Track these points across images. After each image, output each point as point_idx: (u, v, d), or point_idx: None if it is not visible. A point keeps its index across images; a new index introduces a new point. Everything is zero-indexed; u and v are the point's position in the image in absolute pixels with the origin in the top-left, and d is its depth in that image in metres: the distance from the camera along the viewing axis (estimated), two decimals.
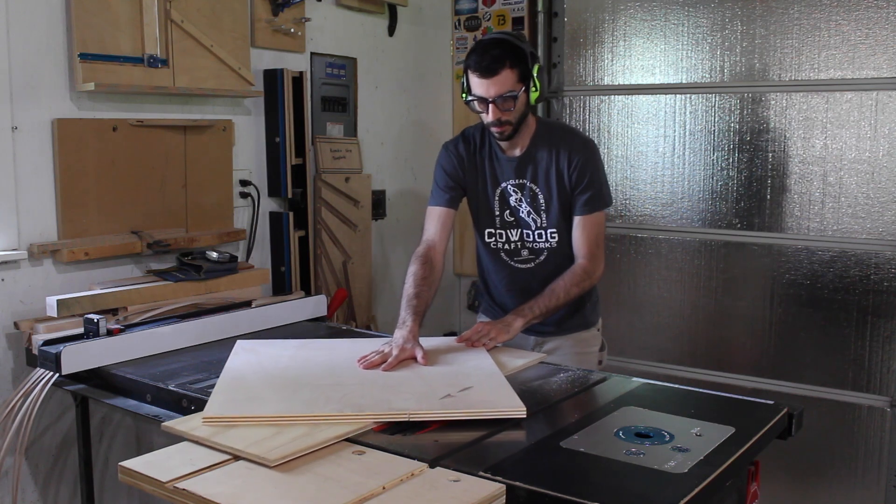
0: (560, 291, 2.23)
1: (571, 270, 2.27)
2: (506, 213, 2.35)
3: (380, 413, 1.65)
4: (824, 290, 3.20)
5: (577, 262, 2.30)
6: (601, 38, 3.61)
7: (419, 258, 2.31)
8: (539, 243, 2.34)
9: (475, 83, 2.16)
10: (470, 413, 1.66)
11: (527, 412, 1.66)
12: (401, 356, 1.99)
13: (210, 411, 1.65)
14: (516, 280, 2.38)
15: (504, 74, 2.13)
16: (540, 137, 2.30)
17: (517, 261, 2.37)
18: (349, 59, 3.50)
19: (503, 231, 2.36)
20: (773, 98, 3.25)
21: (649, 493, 1.35)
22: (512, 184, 2.32)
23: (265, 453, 1.44)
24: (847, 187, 3.12)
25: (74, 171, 2.49)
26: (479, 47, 2.17)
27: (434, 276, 2.29)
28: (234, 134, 3.00)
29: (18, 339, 2.38)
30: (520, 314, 2.20)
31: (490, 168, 2.35)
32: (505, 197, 2.34)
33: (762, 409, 1.75)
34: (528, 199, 2.32)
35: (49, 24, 2.43)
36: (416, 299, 2.19)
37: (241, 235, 3.01)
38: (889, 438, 3.11)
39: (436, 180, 2.40)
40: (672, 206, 3.49)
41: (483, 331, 2.16)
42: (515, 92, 2.16)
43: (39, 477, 2.49)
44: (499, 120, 2.18)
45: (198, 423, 1.60)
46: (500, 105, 2.16)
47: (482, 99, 2.16)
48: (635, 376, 2.03)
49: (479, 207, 2.39)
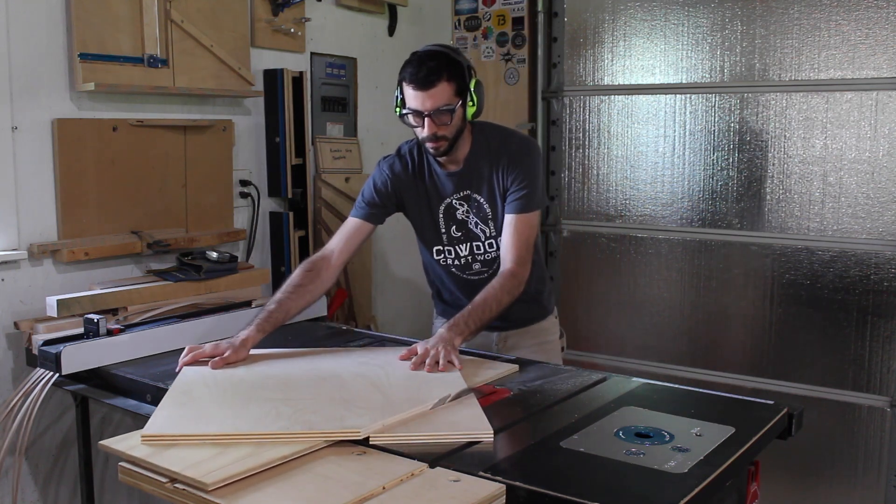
0: (492, 302, 2.09)
1: (501, 277, 2.14)
2: (452, 228, 2.27)
3: (331, 431, 1.53)
4: (824, 290, 3.20)
5: (504, 266, 2.16)
6: (601, 38, 3.60)
7: (305, 265, 2.20)
8: (491, 253, 2.27)
9: (410, 96, 2.08)
10: (434, 436, 1.55)
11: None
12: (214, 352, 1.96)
13: (149, 429, 1.53)
14: (471, 291, 2.23)
15: (440, 87, 2.06)
16: (478, 147, 2.22)
17: (469, 274, 2.31)
18: (349, 59, 3.50)
19: (451, 248, 2.29)
20: (773, 98, 3.25)
21: (649, 493, 1.35)
22: (457, 198, 2.25)
23: (202, 476, 1.34)
24: (847, 187, 3.12)
25: (74, 171, 2.49)
26: (415, 59, 2.09)
27: (315, 286, 2.18)
28: (234, 134, 3.00)
29: (18, 339, 2.38)
30: (455, 330, 2.02)
31: (431, 185, 2.26)
32: (451, 212, 2.26)
33: (762, 409, 1.74)
34: (474, 210, 2.25)
35: (49, 24, 2.43)
36: (275, 306, 2.10)
37: (241, 235, 3.01)
38: (889, 438, 3.11)
39: (362, 193, 2.30)
40: (672, 206, 3.49)
41: (433, 354, 1.94)
42: (452, 105, 2.08)
43: (39, 477, 2.49)
44: (434, 135, 2.09)
45: (136, 442, 1.50)
46: (436, 119, 2.07)
47: (417, 112, 2.08)
48: (635, 376, 2.03)
49: (423, 226, 2.31)
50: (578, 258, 3.68)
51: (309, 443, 1.49)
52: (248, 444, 1.48)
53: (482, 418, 1.63)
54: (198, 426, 1.56)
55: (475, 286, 2.23)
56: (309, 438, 1.51)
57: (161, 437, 1.51)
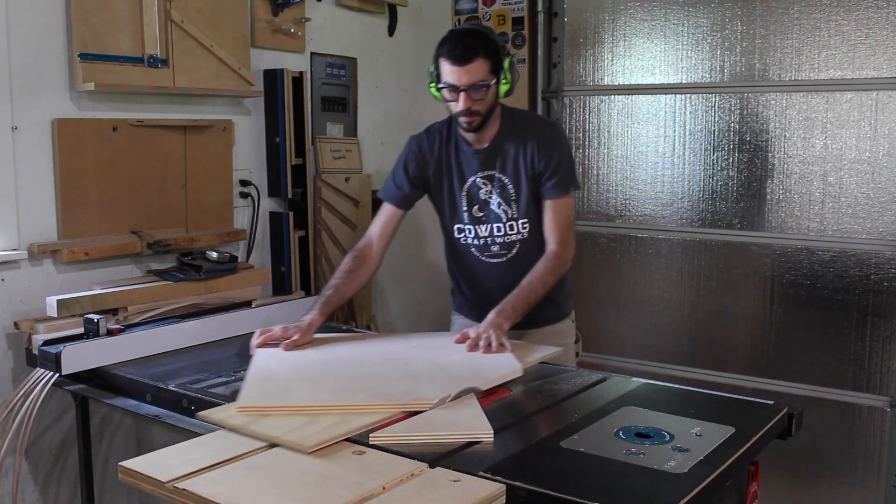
0: (538, 284, 2.21)
1: (545, 259, 2.26)
2: (474, 208, 2.35)
3: (407, 402, 1.68)
4: (824, 290, 3.20)
5: (548, 248, 2.28)
6: (601, 38, 3.61)
7: (352, 252, 2.37)
8: (511, 236, 2.34)
9: (447, 71, 2.17)
10: (434, 436, 1.56)
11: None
12: (284, 335, 2.11)
13: (244, 401, 1.68)
14: (489, 275, 2.37)
15: (477, 63, 2.15)
16: (506, 129, 2.31)
17: (488, 255, 2.37)
18: (349, 59, 3.50)
19: (472, 227, 2.36)
20: (773, 98, 3.25)
21: (649, 493, 1.35)
22: (480, 177, 2.32)
23: (301, 440, 1.49)
24: (847, 187, 3.12)
25: (74, 171, 2.49)
26: (453, 36, 2.20)
27: (363, 270, 2.35)
28: (234, 134, 3.00)
29: (18, 339, 2.38)
30: (503, 315, 2.14)
31: (456, 163, 2.35)
32: (473, 192, 2.34)
33: (762, 409, 1.74)
34: (497, 190, 2.32)
35: (49, 24, 2.43)
36: (332, 291, 2.27)
37: (241, 235, 3.01)
38: (889, 438, 3.11)
39: (393, 175, 2.41)
40: (672, 206, 3.49)
41: (482, 338, 2.07)
42: (487, 82, 2.17)
43: (39, 477, 2.49)
44: (469, 109, 2.19)
45: (232, 413, 1.65)
46: (471, 94, 2.17)
47: (453, 87, 2.18)
48: (635, 376, 2.03)
49: (445, 204, 2.38)
50: (578, 258, 3.65)
51: (387, 413, 1.65)
52: (334, 414, 1.64)
53: (482, 418, 1.64)
54: (287, 398, 1.72)
55: (492, 270, 2.34)
56: (387, 409, 1.66)
57: (255, 408, 1.66)
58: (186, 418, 1.83)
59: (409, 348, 2.16)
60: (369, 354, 2.10)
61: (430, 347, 2.14)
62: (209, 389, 1.88)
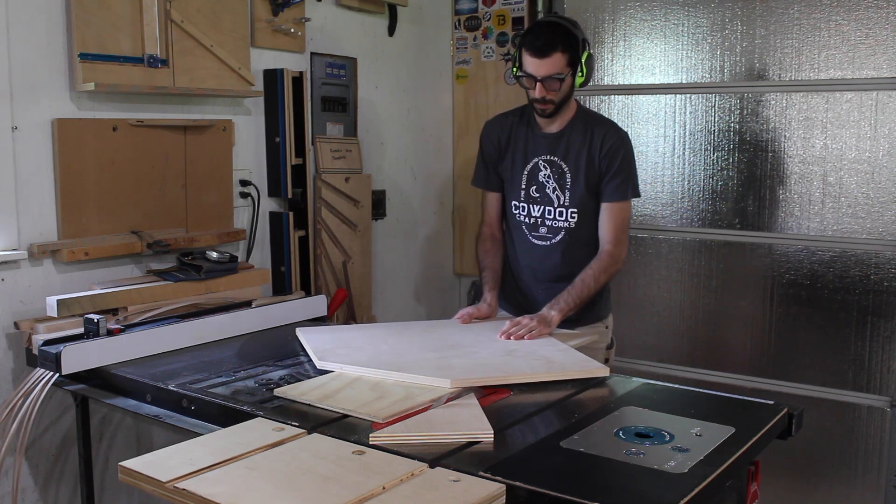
0: (590, 280, 2.33)
1: (598, 258, 2.38)
2: (532, 188, 2.46)
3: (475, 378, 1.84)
4: (824, 290, 3.20)
5: (602, 248, 2.40)
6: (601, 38, 3.61)
7: (482, 238, 2.57)
8: (559, 221, 2.43)
9: (527, 61, 2.30)
10: (434, 436, 1.57)
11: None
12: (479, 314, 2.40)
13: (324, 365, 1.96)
14: (531, 256, 2.48)
15: (555, 57, 2.27)
16: (578, 120, 2.44)
17: (535, 236, 2.48)
18: (349, 59, 3.49)
19: (526, 205, 2.48)
20: (773, 98, 3.25)
21: (649, 493, 1.35)
22: (543, 159, 2.43)
23: (375, 412, 1.63)
24: (847, 187, 3.12)
25: (74, 171, 2.49)
26: (536, 28, 2.34)
27: (497, 245, 2.56)
28: (234, 134, 3.00)
29: (18, 339, 2.38)
30: (556, 307, 2.28)
31: (525, 142, 2.46)
32: (534, 172, 2.45)
33: (762, 409, 1.75)
34: (555, 175, 2.42)
35: (49, 24, 2.43)
36: (489, 271, 2.48)
37: (241, 235, 3.01)
38: (889, 438, 3.11)
39: (483, 159, 2.57)
40: (672, 206, 3.49)
41: (526, 324, 2.22)
42: (563, 75, 2.29)
43: (39, 477, 2.49)
44: (543, 98, 2.32)
45: (305, 390, 1.80)
46: (547, 85, 2.30)
47: (531, 76, 2.30)
48: (635, 376, 2.03)
49: (508, 178, 2.51)
50: None
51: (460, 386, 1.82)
52: (403, 388, 1.79)
53: (482, 418, 1.64)
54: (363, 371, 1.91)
55: (535, 252, 2.49)
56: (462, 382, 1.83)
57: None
58: (186, 418, 1.83)
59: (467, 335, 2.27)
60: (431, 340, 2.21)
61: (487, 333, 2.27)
62: (209, 389, 1.88)
